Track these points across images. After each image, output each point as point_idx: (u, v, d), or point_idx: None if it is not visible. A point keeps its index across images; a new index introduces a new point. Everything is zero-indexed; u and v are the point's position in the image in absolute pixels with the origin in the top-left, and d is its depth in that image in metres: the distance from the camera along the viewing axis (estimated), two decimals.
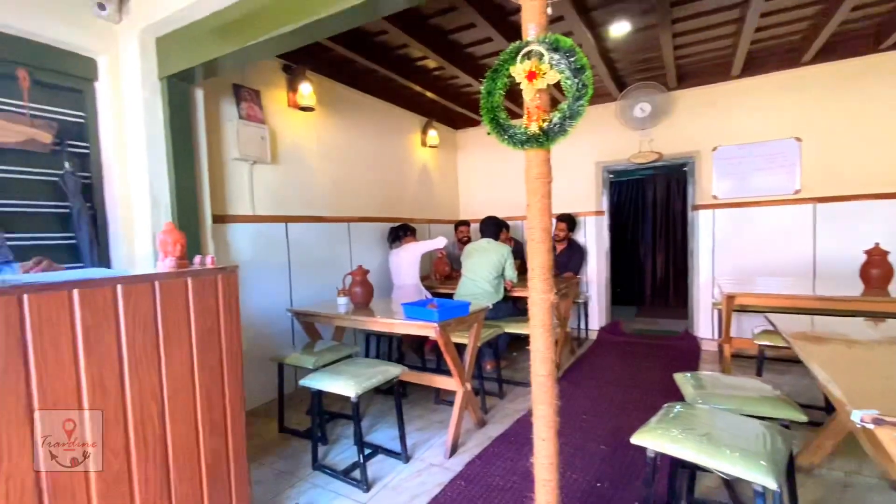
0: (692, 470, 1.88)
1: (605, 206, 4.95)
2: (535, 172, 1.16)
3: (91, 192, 2.41)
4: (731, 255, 4.32)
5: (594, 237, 4.94)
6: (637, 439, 1.49)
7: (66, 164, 2.25)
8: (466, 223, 5.04)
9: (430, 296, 3.72)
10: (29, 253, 1.91)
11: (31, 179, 2.20)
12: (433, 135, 5.08)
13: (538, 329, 1.19)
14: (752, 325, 3.89)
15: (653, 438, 1.45)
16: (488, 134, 4.53)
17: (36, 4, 2.13)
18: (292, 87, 3.41)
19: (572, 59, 1.12)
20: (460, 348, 2.66)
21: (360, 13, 1.83)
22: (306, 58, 3.37)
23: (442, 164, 5.49)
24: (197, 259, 1.64)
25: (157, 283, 1.39)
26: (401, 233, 4.21)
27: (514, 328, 3.40)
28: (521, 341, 4.34)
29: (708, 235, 4.41)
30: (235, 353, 1.66)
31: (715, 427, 1.46)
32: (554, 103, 1.17)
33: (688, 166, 4.51)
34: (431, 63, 3.71)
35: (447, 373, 2.66)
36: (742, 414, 1.61)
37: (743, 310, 3.43)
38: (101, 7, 2.21)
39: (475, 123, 5.45)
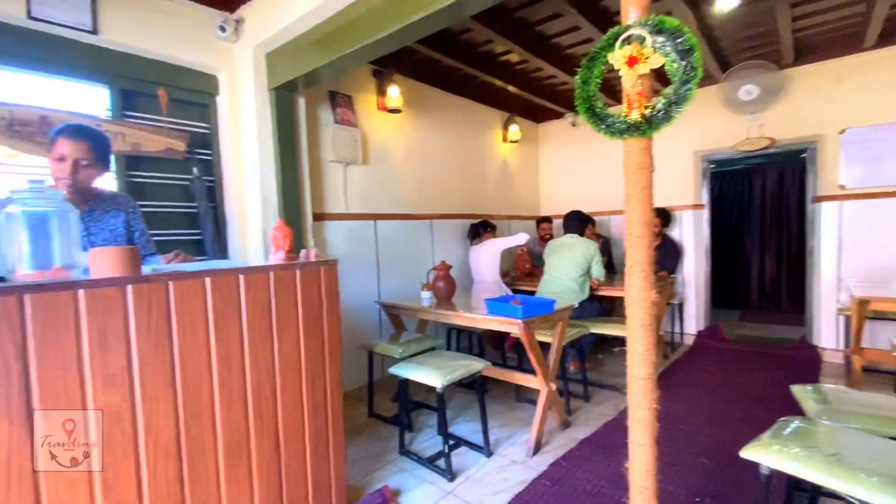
0: (812, 494, 1.67)
1: (705, 199, 4.54)
2: (635, 162, 1.10)
3: (213, 194, 2.74)
4: (861, 253, 3.73)
5: (692, 233, 4.56)
6: (749, 454, 1.36)
7: (195, 170, 2.59)
8: (549, 219, 4.92)
9: (509, 292, 3.70)
10: (165, 247, 2.22)
11: (168, 184, 2.56)
12: (514, 129, 5.03)
13: (637, 329, 1.13)
14: (888, 334, 3.34)
15: (768, 454, 1.31)
16: (573, 125, 4.37)
17: (171, 31, 2.47)
18: (381, 91, 3.58)
19: (679, 41, 1.05)
20: (543, 347, 2.61)
21: (448, 14, 1.87)
22: (394, 61, 3.51)
23: (523, 159, 5.42)
24: (302, 253, 1.79)
25: (271, 274, 1.55)
26: (481, 229, 4.23)
27: (600, 328, 3.26)
28: (608, 343, 4.15)
29: (833, 231, 3.86)
30: (335, 340, 1.79)
31: (845, 447, 1.29)
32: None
33: (807, 153, 3.98)
34: (515, 57, 3.67)
35: (529, 371, 2.63)
36: (881, 435, 1.40)
37: (878, 317, 2.95)
38: (222, 29, 2.50)
39: (558, 116, 5.29)
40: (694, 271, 4.58)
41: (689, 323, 4.62)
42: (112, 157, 2.19)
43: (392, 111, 3.63)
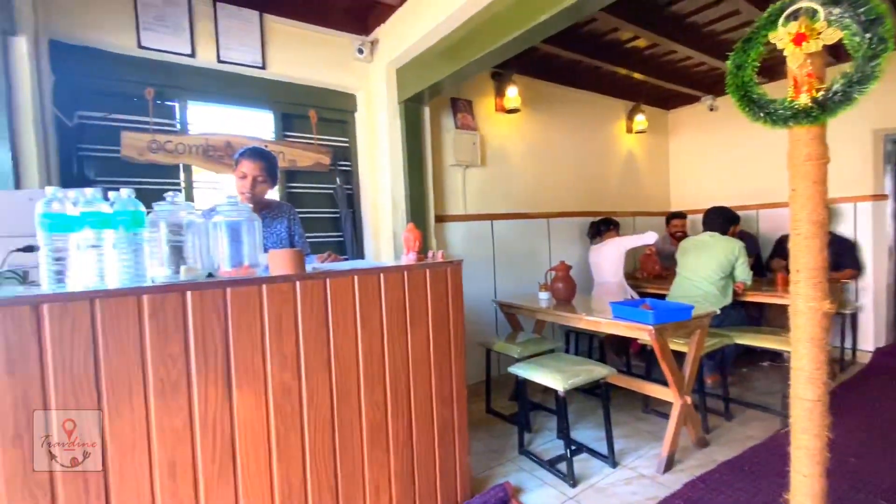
0: None
1: (888, 187, 3.73)
2: (803, 153, 0.97)
3: (352, 201, 3.07)
4: None
5: (869, 229, 3.76)
6: None
7: (337, 180, 2.94)
8: (681, 215, 4.47)
9: (635, 295, 3.47)
10: (315, 248, 2.55)
11: (316, 193, 2.94)
12: (640, 119, 4.68)
13: (803, 343, 1.00)
14: None
15: None
16: (711, 109, 3.92)
17: (320, 59, 2.83)
18: (500, 93, 3.63)
19: (861, 10, 0.90)
20: (675, 356, 2.40)
21: (575, 11, 1.83)
22: (513, 61, 3.52)
23: (650, 150, 5.02)
24: (430, 253, 1.92)
25: (405, 273, 1.70)
26: (602, 227, 4.03)
27: (747, 339, 2.88)
28: (754, 355, 3.66)
29: None
30: (460, 336, 1.89)
31: None
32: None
33: None
34: (642, 42, 3.42)
35: (658, 380, 2.45)
36: None
37: None
38: (360, 51, 2.79)
39: (692, 100, 4.78)
40: (873, 275, 3.78)
41: (866, 337, 3.84)
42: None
43: (510, 111, 3.66)
